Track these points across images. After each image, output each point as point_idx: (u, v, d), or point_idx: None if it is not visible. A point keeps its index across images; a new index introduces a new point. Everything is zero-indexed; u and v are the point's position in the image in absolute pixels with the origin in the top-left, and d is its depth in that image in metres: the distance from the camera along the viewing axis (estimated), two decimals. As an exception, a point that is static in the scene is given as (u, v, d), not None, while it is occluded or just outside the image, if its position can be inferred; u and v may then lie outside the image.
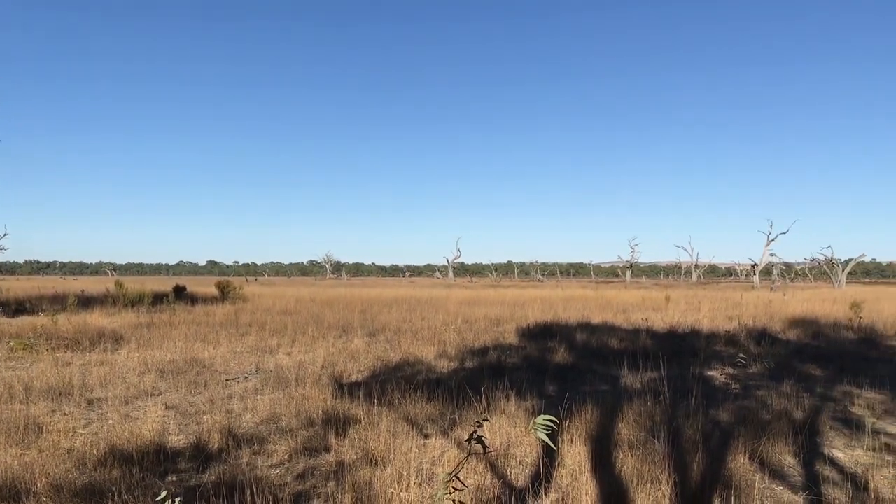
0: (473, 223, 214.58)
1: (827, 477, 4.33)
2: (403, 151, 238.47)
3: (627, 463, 4.35)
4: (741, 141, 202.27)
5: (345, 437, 5.16)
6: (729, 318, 16.67)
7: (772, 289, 44.74)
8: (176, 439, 5.19)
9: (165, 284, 32.01)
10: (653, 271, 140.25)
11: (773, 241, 55.70)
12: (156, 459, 4.58)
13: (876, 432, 5.39)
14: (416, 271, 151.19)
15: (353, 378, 8.01)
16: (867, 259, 66.05)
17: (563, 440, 4.80)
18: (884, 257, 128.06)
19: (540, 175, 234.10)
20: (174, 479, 4.28)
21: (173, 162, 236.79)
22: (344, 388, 7.02)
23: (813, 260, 61.33)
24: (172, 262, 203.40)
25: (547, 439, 2.52)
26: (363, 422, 5.52)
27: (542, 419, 2.54)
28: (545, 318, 15.73)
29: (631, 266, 76.75)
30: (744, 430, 5.15)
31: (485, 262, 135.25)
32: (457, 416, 5.86)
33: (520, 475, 4.35)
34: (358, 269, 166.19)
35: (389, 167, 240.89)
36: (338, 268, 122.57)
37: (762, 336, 12.48)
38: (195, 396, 6.94)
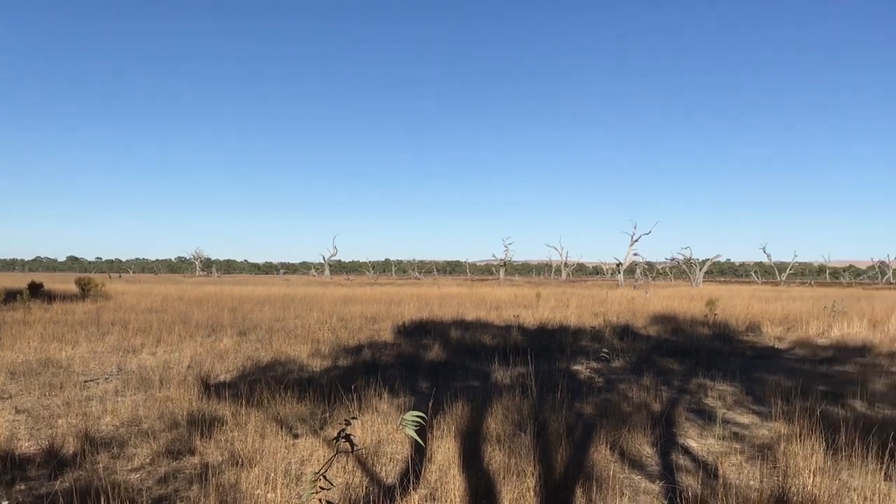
0: (351, 221, 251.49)
1: (682, 465, 5.79)
2: (279, 147, 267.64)
3: (496, 456, 5.46)
4: (609, 144, 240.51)
5: (211, 438, 5.95)
6: (595, 314, 20.14)
7: (635, 287, 52.34)
8: (26, 445, 5.73)
9: (20, 281, 35.61)
10: (525, 269, 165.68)
11: (636, 241, 67.21)
12: (1, 467, 5.01)
13: (726, 422, 7.16)
14: (291, 269, 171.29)
15: (222, 378, 9.17)
16: (722, 259, 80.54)
17: (433, 436, 5.81)
18: (737, 258, 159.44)
19: (417, 175, 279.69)
20: (22, 487, 4.73)
21: (26, 148, 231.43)
22: (211, 388, 8.00)
23: (673, 259, 74.75)
24: (28, 257, 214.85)
25: (415, 435, 3.30)
26: (230, 423, 6.38)
27: (411, 416, 3.33)
28: (421, 316, 18.32)
29: (505, 264, 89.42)
30: (606, 423, 6.58)
31: (362, 259, 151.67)
32: (328, 414, 6.95)
33: (390, 472, 5.30)
34: (230, 267, 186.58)
35: (263, 161, 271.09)
36: (208, 265, 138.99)
37: (625, 332, 15.24)
38: (50, 399, 7.73)
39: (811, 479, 4.68)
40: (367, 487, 4.84)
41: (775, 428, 6.72)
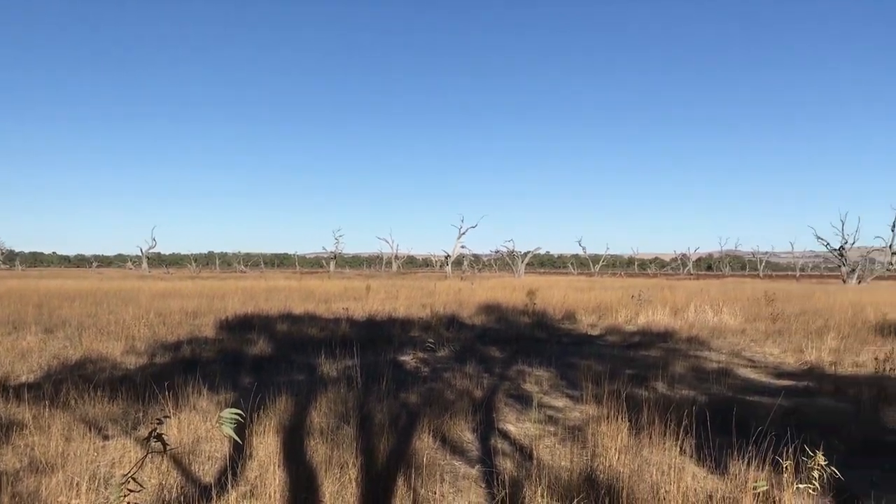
0: (171, 211, 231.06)
1: (500, 449, 6.00)
2: (90, 131, 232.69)
3: (319, 450, 5.39)
4: (436, 141, 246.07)
5: (8, 444, 5.47)
6: (423, 305, 20.40)
7: (462, 278, 53.86)
8: None
9: None
10: (356, 262, 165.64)
11: (463, 234, 70.16)
12: None
13: (542, 406, 7.50)
14: (105, 262, 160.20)
15: (23, 379, 8.58)
16: (542, 251, 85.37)
17: (254, 432, 5.63)
18: (555, 250, 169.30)
19: (244, 164, 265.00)
20: None
21: None
22: (10, 390, 7.32)
23: (498, 252, 78.63)
24: None
25: (232, 433, 3.20)
26: (31, 426, 5.84)
27: (229, 413, 3.23)
28: (246, 310, 17.77)
29: (335, 257, 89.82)
30: (430, 411, 6.67)
31: (184, 252, 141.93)
32: (142, 414, 6.61)
33: (208, 471, 5.10)
34: (36, 260, 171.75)
35: (73, 146, 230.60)
36: (10, 257, 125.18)
37: (452, 322, 15.59)
38: None
39: (616, 457, 4.99)
40: (182, 488, 4.62)
41: (586, 410, 7.11)
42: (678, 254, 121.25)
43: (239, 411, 3.17)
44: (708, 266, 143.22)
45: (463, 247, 71.72)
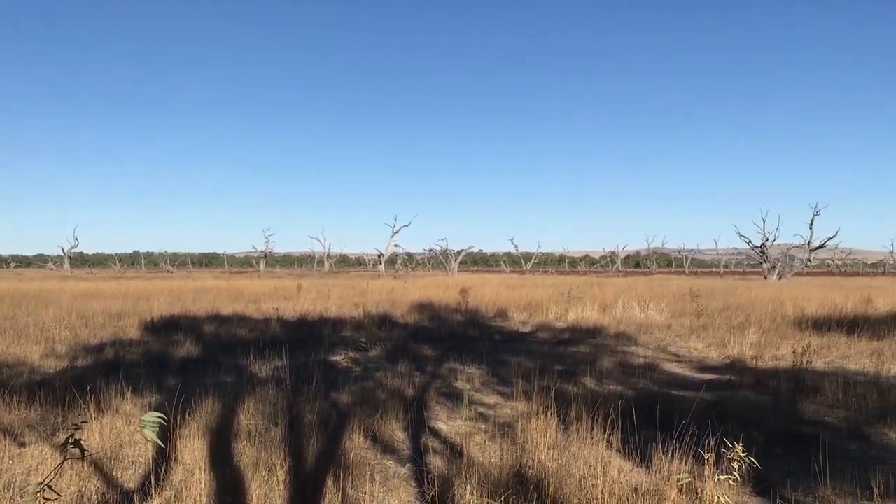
0: (95, 210, 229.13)
1: (431, 447, 6.00)
2: (6, 126, 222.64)
3: (247, 452, 5.29)
4: (370, 139, 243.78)
5: None
6: (356, 305, 20.25)
7: (395, 277, 53.75)
8: None
9: None
10: (287, 261, 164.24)
11: (397, 232, 70.18)
12: None
13: (474, 403, 7.55)
14: (24, 262, 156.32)
15: None
16: (475, 250, 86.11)
17: (180, 435, 5.47)
18: (489, 248, 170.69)
19: (170, 162, 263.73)
20: None
21: None
22: None
23: (431, 250, 78.68)
24: None
25: (154, 437, 3.10)
26: None
27: (150, 416, 3.13)
28: (172, 311, 17.43)
29: (265, 256, 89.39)
30: (361, 411, 6.63)
31: (108, 252, 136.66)
32: (61, 419, 6.39)
33: (131, 476, 4.97)
34: None
35: None
36: None
37: (384, 321, 15.54)
38: None
39: (545, 452, 5.03)
40: (103, 494, 4.49)
41: (516, 407, 7.17)
42: (607, 252, 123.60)
43: (161, 414, 3.06)
44: (636, 263, 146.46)
45: (396, 245, 71.75)
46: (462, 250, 75.75)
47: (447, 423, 6.87)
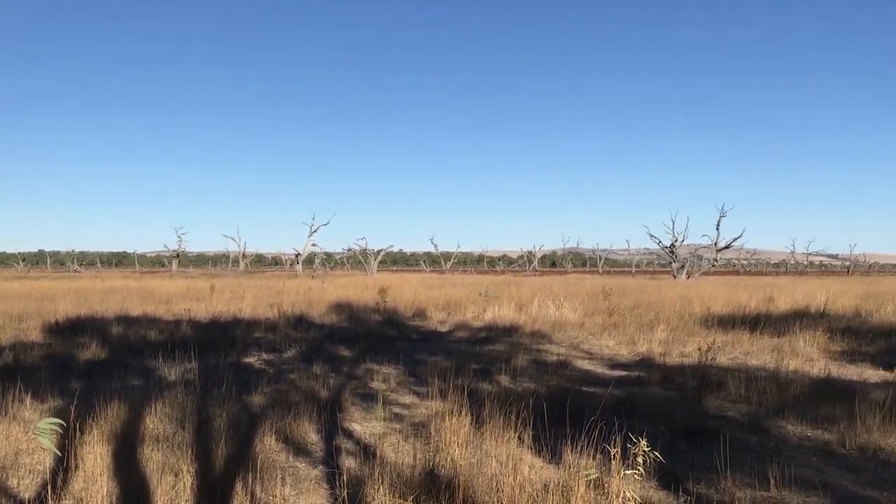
0: None
1: (345, 449, 5.95)
2: None
3: (153, 457, 5.12)
4: (287, 135, 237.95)
5: None
6: (271, 305, 19.82)
7: (313, 277, 53.04)
8: None
9: None
10: (201, 261, 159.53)
11: (315, 231, 69.11)
12: None
13: (389, 404, 7.52)
14: None
15: None
16: (395, 249, 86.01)
17: (82, 441, 5.25)
18: (408, 248, 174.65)
19: (77, 157, 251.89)
20: None
21: None
22: None
23: (350, 250, 77.89)
24: None
25: (50, 445, 2.97)
26: None
27: (46, 423, 3.01)
28: (78, 313, 16.67)
29: (178, 255, 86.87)
30: (273, 413, 6.51)
31: (10, 251, 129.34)
32: None
33: (28, 485, 4.77)
34: None
35: None
36: None
37: (300, 321, 15.30)
38: None
39: (458, 451, 5.05)
40: (-5, 506, 4.25)
41: (432, 406, 7.16)
42: (525, 251, 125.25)
43: (59, 420, 2.95)
44: (552, 263, 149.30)
45: (314, 245, 70.83)
46: (382, 250, 75.55)
47: (362, 424, 6.83)
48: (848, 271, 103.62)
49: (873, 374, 9.84)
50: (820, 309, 18.11)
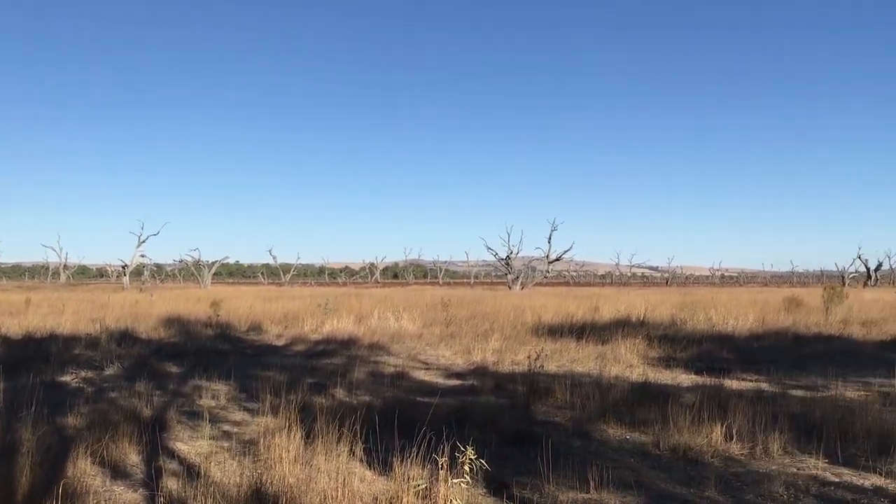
0: None
1: (168, 470, 5.66)
2: None
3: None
4: (109, 138, 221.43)
5: None
6: (93, 320, 18.43)
7: (141, 290, 50.07)
8: None
9: None
10: (17, 272, 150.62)
11: (143, 242, 64.86)
12: None
13: (219, 421, 7.26)
14: None
15: None
16: (231, 261, 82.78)
17: None
18: (245, 259, 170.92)
19: None
20: None
21: None
22: None
23: (182, 261, 74.16)
24: None
25: None
26: None
27: None
28: None
29: None
30: (90, 434, 6.09)
31: None
32: None
33: None
34: None
35: None
36: None
37: (125, 337, 14.45)
38: None
39: (288, 467, 4.94)
40: None
41: (264, 422, 6.97)
42: (367, 263, 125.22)
43: None
44: (394, 274, 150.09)
45: (143, 256, 66.98)
46: (217, 261, 72.68)
47: (188, 443, 6.53)
48: (667, 282, 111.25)
49: (686, 379, 10.59)
50: (640, 318, 19.33)
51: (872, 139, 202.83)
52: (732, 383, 9.93)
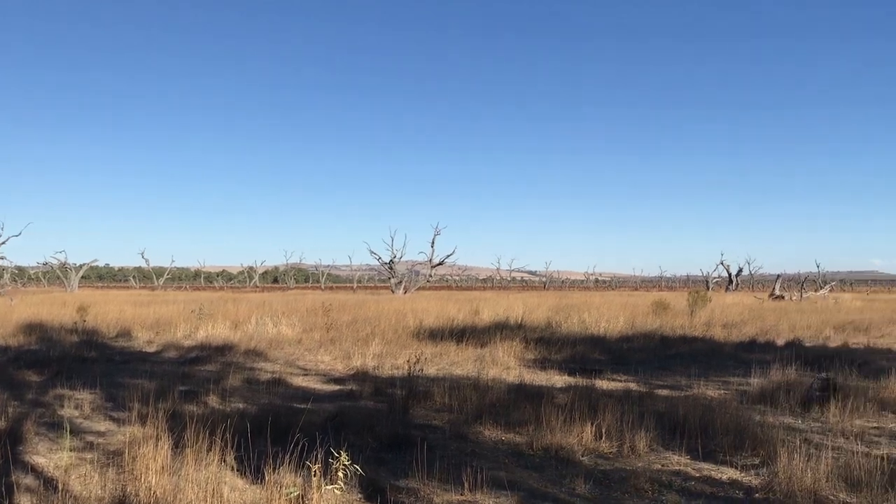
0: None
1: (24, 485, 5.30)
2: None
3: None
4: None
5: None
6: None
7: (0, 294, 46.73)
8: None
9: None
10: None
11: (3, 243, 60.00)
12: None
13: (82, 432, 6.89)
14: None
15: None
16: (100, 264, 78.70)
17: None
18: (116, 262, 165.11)
19: None
20: None
21: None
22: None
23: (47, 264, 69.85)
24: None
25: None
26: None
27: None
28: None
29: None
30: (-69, 451, 5.65)
31: None
32: None
33: None
34: None
35: None
36: None
37: (-25, 345, 13.29)
38: None
39: (155, 478, 4.75)
40: None
41: (131, 432, 6.65)
42: (245, 267, 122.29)
43: None
44: (274, 279, 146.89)
45: (2, 258, 62.74)
46: (84, 264, 69.01)
47: (47, 456, 6.16)
48: (544, 286, 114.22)
49: (560, 380, 10.92)
50: (518, 321, 19.81)
51: (733, 152, 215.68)
52: (604, 384, 10.34)
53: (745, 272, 74.20)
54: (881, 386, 9.12)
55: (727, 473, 5.81)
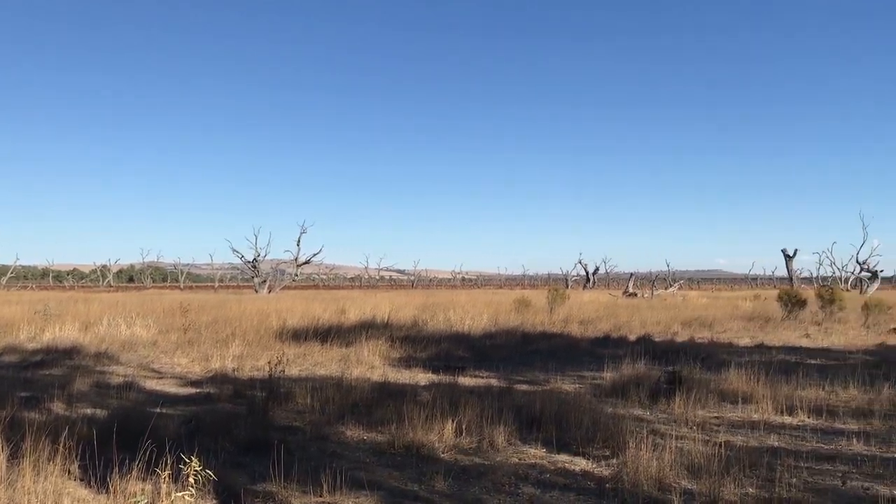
0: None
1: None
2: None
3: None
4: None
5: None
6: None
7: None
8: None
9: None
10: None
11: None
12: None
13: None
14: None
15: None
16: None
17: None
18: None
19: None
20: None
21: None
22: None
23: None
24: None
25: None
26: None
27: None
28: None
29: None
30: None
31: None
32: None
33: None
34: None
35: None
36: None
37: None
38: None
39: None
40: None
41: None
42: (98, 265, 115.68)
43: None
44: (130, 278, 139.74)
45: None
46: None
47: None
48: (412, 285, 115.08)
49: (424, 377, 11.03)
50: (385, 320, 19.82)
51: (591, 152, 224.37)
52: (466, 380, 10.54)
53: (602, 271, 77.85)
54: (722, 378, 9.77)
55: (580, 465, 6.06)
